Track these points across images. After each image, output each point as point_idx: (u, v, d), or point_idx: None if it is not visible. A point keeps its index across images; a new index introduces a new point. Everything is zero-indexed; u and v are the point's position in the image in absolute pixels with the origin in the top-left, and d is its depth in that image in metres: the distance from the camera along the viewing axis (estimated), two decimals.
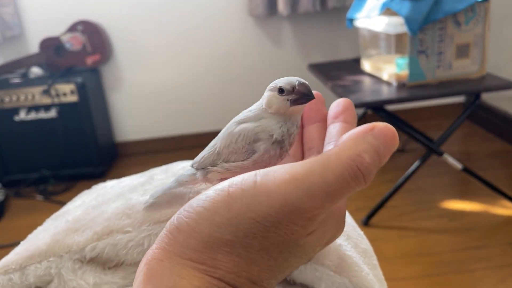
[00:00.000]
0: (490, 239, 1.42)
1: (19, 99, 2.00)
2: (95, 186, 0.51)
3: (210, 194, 0.28)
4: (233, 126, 0.35)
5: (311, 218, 0.26)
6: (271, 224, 0.26)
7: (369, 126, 0.28)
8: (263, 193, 0.26)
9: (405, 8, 1.38)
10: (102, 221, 0.40)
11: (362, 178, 0.27)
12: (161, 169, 0.49)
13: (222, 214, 0.27)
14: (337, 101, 0.35)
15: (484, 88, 1.46)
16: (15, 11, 2.10)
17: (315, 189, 0.26)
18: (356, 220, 1.67)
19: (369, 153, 0.27)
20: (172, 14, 2.18)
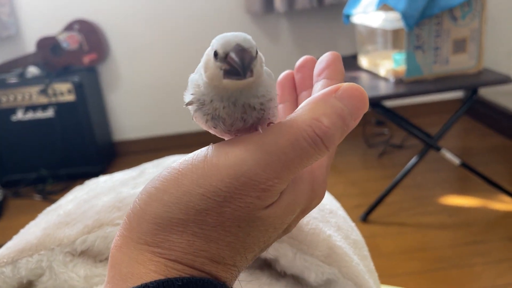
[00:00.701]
0: (489, 234, 1.42)
1: (16, 99, 2.00)
2: (88, 182, 0.51)
3: (163, 173, 0.27)
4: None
5: (266, 189, 0.25)
6: (223, 199, 0.25)
7: (333, 87, 0.26)
8: (213, 167, 0.25)
9: (402, 3, 1.37)
10: (92, 214, 0.40)
11: (322, 144, 0.25)
12: (153, 163, 0.49)
13: (171, 192, 0.25)
14: (323, 55, 0.32)
15: (481, 83, 1.45)
16: (11, 10, 2.10)
17: (268, 158, 0.25)
18: (354, 217, 1.67)
19: (329, 116, 0.25)
20: (168, 12, 2.18)
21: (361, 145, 2.16)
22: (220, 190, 0.25)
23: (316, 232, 0.38)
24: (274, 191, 0.25)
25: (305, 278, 0.38)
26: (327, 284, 0.38)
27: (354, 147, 2.14)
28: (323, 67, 0.31)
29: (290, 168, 0.25)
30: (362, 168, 1.97)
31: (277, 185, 0.25)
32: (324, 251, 0.38)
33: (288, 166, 0.25)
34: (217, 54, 0.26)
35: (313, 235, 0.38)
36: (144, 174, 0.45)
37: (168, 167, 0.27)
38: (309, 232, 0.38)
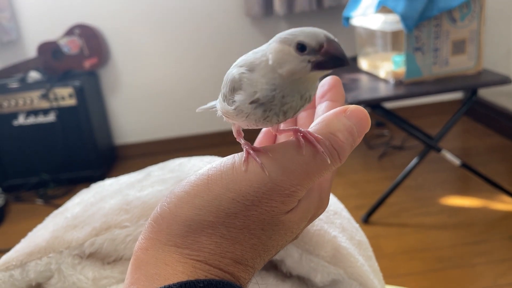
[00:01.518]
0: (490, 233, 1.43)
1: (18, 104, 2.01)
2: (93, 185, 0.52)
3: (191, 179, 0.28)
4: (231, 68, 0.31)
5: (290, 194, 0.27)
6: (251, 203, 0.27)
7: (342, 108, 0.29)
8: (242, 173, 0.27)
9: (401, 5, 1.38)
10: (100, 217, 0.41)
11: (337, 156, 0.28)
12: (158, 166, 0.50)
13: (202, 196, 0.27)
14: (324, 79, 0.35)
15: (480, 84, 1.46)
16: (12, 15, 2.11)
17: (293, 167, 0.27)
18: (356, 218, 1.68)
19: (342, 133, 0.28)
20: (168, 16, 2.19)
21: (362, 146, 2.17)
22: (249, 194, 0.27)
23: (321, 233, 0.39)
24: (296, 197, 0.28)
25: (311, 278, 0.38)
26: (332, 284, 0.39)
27: (354, 149, 2.14)
28: (325, 90, 0.34)
29: (310, 176, 0.28)
30: (362, 170, 1.98)
31: (299, 191, 0.28)
32: (329, 252, 0.39)
33: (309, 175, 0.28)
34: (304, 47, 0.27)
35: (319, 236, 0.39)
36: (150, 177, 0.46)
37: (195, 173, 0.29)
38: (314, 233, 0.39)
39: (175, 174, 0.45)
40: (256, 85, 0.28)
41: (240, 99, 0.29)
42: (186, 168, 0.46)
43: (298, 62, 0.27)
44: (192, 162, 0.47)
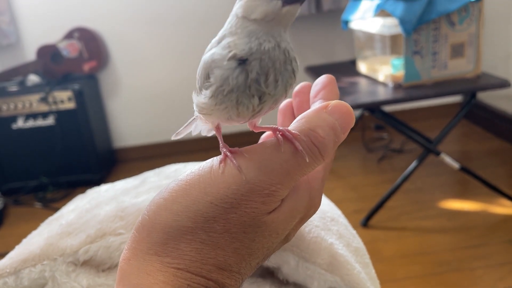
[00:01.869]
0: (489, 237, 1.43)
1: (17, 107, 2.01)
2: (89, 190, 0.51)
3: (170, 185, 0.28)
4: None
5: (270, 194, 0.27)
6: (230, 205, 0.26)
7: (323, 104, 0.29)
8: (219, 176, 0.27)
9: (399, 9, 1.38)
10: (95, 224, 0.40)
11: (318, 153, 0.27)
12: (154, 172, 0.50)
13: (180, 202, 0.27)
14: (318, 78, 0.34)
15: (479, 87, 1.46)
16: (11, 19, 2.11)
17: (271, 166, 0.27)
18: (355, 221, 1.66)
19: (323, 128, 0.27)
20: (167, 19, 2.19)
21: (361, 149, 2.16)
22: (227, 197, 0.26)
23: (318, 241, 0.39)
24: (277, 196, 0.27)
25: (307, 286, 0.38)
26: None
27: (353, 151, 2.15)
28: (318, 89, 0.33)
29: (291, 174, 0.27)
30: (361, 173, 1.98)
31: (280, 190, 0.27)
32: (326, 259, 0.38)
33: (289, 173, 0.27)
34: None
35: (315, 243, 0.39)
36: (146, 183, 0.46)
37: (175, 179, 0.28)
38: (311, 241, 0.39)
39: (170, 180, 0.44)
40: (229, 45, 0.28)
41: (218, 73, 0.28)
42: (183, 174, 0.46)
43: (268, 2, 0.27)
44: (188, 168, 0.47)
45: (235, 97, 0.28)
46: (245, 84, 0.27)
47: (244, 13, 0.28)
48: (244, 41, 0.27)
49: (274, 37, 0.28)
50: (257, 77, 0.27)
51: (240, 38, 0.28)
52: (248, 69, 0.27)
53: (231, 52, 0.27)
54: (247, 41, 0.27)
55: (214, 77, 0.28)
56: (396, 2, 1.41)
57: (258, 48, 0.27)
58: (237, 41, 0.28)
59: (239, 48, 0.27)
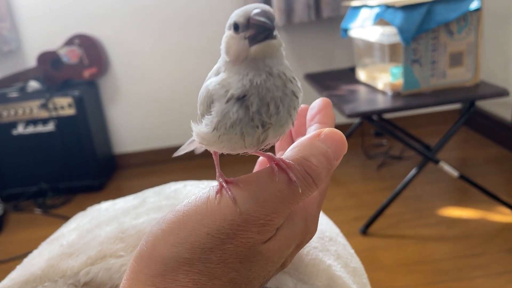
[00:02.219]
0: (488, 246, 1.43)
1: (17, 113, 2.01)
2: (90, 208, 0.52)
3: (167, 216, 0.28)
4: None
5: (266, 223, 0.27)
6: (226, 236, 0.26)
7: (316, 132, 0.29)
8: (216, 207, 0.27)
9: (398, 18, 1.39)
10: (95, 245, 0.41)
11: (312, 181, 0.28)
12: (154, 191, 0.50)
13: (177, 233, 0.27)
14: (314, 102, 0.35)
15: (478, 96, 1.47)
16: (12, 25, 2.12)
17: (266, 196, 0.27)
18: (354, 229, 1.65)
19: (316, 157, 0.28)
20: (168, 27, 2.20)
21: (360, 156, 2.17)
22: (223, 228, 0.26)
23: (316, 263, 0.39)
24: (273, 226, 0.27)
25: None
26: None
27: (353, 158, 2.15)
28: (314, 113, 0.34)
29: (285, 203, 0.27)
30: (361, 180, 1.98)
31: (275, 219, 0.27)
32: (324, 281, 0.39)
33: (284, 202, 0.27)
34: (237, 26, 0.27)
35: (313, 265, 0.39)
36: (146, 203, 0.46)
37: (172, 210, 0.28)
38: (309, 263, 0.39)
39: (170, 201, 0.45)
40: (226, 84, 0.28)
41: (218, 108, 0.28)
42: (182, 195, 0.46)
43: (237, 42, 0.27)
44: (188, 189, 0.47)
45: (239, 129, 0.28)
46: (248, 117, 0.27)
47: (224, 53, 0.28)
48: (236, 78, 0.27)
49: (261, 69, 0.27)
50: (258, 109, 0.27)
51: (231, 77, 0.28)
52: (248, 104, 0.27)
53: (228, 92, 0.27)
54: (238, 78, 0.27)
55: (215, 111, 0.28)
56: (395, 11, 1.42)
57: (251, 84, 0.27)
58: (229, 79, 0.28)
59: (233, 87, 0.27)
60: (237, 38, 0.27)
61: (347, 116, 1.41)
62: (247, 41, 0.27)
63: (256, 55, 0.27)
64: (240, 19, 0.27)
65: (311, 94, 2.16)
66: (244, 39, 0.27)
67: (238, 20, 0.27)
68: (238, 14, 0.27)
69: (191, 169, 2.25)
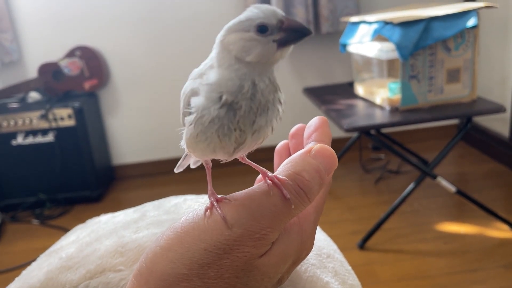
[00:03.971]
0: (485, 261, 1.43)
1: (17, 124, 2.02)
2: (89, 221, 0.52)
3: (166, 233, 0.29)
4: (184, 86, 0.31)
5: (261, 237, 0.28)
6: (223, 251, 0.27)
7: (307, 148, 0.30)
8: (212, 222, 0.28)
9: (396, 34, 1.41)
10: (95, 259, 0.41)
11: (305, 195, 0.29)
12: (154, 204, 0.50)
13: (175, 250, 0.28)
14: (311, 120, 0.35)
15: (475, 112, 1.48)
16: (14, 36, 2.14)
17: (261, 210, 0.28)
18: (351, 243, 1.65)
19: (308, 172, 0.29)
20: (168, 39, 2.22)
21: (358, 170, 2.18)
22: (220, 243, 0.27)
23: (313, 280, 0.39)
24: (268, 240, 0.28)
25: None
26: None
27: (351, 172, 2.16)
28: (311, 131, 0.34)
29: (280, 218, 0.28)
30: (359, 194, 1.98)
31: (270, 234, 0.28)
32: None
33: (278, 216, 0.28)
34: (265, 28, 0.27)
35: (311, 282, 0.39)
36: (146, 217, 0.47)
37: (170, 227, 0.29)
38: (307, 280, 0.39)
39: (170, 216, 0.45)
40: (221, 84, 0.28)
41: (197, 103, 0.29)
42: (182, 210, 0.47)
43: (264, 44, 0.27)
44: (188, 204, 0.48)
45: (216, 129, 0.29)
46: (229, 119, 0.28)
47: (238, 53, 0.28)
48: (235, 83, 0.28)
49: (265, 74, 0.28)
50: (244, 113, 0.28)
51: (231, 79, 0.28)
52: (236, 107, 0.28)
53: (222, 95, 0.28)
54: (242, 78, 0.28)
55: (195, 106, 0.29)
56: (393, 27, 1.44)
57: (251, 88, 0.28)
58: (228, 81, 0.28)
59: (230, 91, 0.28)
60: (263, 41, 0.27)
61: (345, 130, 1.42)
62: (275, 44, 0.27)
63: (281, 58, 0.28)
64: (271, 21, 0.27)
65: (309, 108, 2.18)
66: (272, 41, 0.27)
67: (268, 22, 0.27)
68: (267, 16, 0.27)
69: (190, 181, 2.25)
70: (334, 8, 2.11)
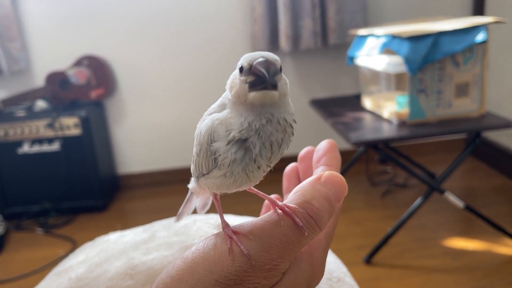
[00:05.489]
0: (493, 279, 1.41)
1: (24, 132, 2.02)
2: (98, 239, 0.51)
3: (176, 263, 0.29)
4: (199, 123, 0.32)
5: (272, 268, 0.27)
6: (234, 282, 0.27)
7: (317, 176, 0.30)
8: (223, 253, 0.27)
9: (405, 49, 1.40)
10: (105, 280, 0.40)
11: (315, 224, 0.28)
12: (163, 224, 0.50)
13: (186, 280, 0.27)
14: (320, 144, 0.35)
15: (483, 127, 1.47)
16: (22, 45, 2.15)
17: (271, 241, 0.27)
18: (358, 258, 1.63)
19: (318, 200, 0.28)
20: (175, 50, 2.23)
21: (365, 183, 2.16)
22: (231, 274, 0.27)
23: None
24: (279, 270, 0.28)
25: None
26: None
27: (357, 185, 2.14)
28: (320, 155, 0.34)
29: (290, 247, 0.28)
30: (365, 207, 1.97)
31: (281, 264, 0.28)
32: None
33: (288, 246, 0.28)
34: (242, 68, 0.28)
35: None
36: (155, 238, 0.46)
37: (181, 257, 0.29)
38: None
39: (180, 238, 0.45)
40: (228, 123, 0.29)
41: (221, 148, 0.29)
42: (192, 231, 0.46)
43: (240, 83, 0.28)
44: (197, 225, 0.47)
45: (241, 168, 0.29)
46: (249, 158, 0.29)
47: (228, 89, 0.29)
48: (239, 120, 0.28)
49: (262, 114, 0.28)
50: (259, 151, 0.29)
51: (233, 117, 0.29)
52: (251, 146, 0.28)
53: (229, 133, 0.28)
54: (240, 120, 0.28)
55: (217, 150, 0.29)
56: (401, 41, 1.43)
57: (250, 127, 0.28)
58: (231, 119, 0.29)
59: (235, 129, 0.28)
60: (240, 80, 0.28)
61: (352, 144, 1.41)
62: (247, 85, 0.28)
63: (253, 101, 0.28)
64: (244, 64, 0.28)
65: (316, 120, 2.17)
66: (245, 83, 0.28)
67: (243, 63, 0.28)
68: (245, 58, 0.28)
69: None
70: (342, 20, 2.11)
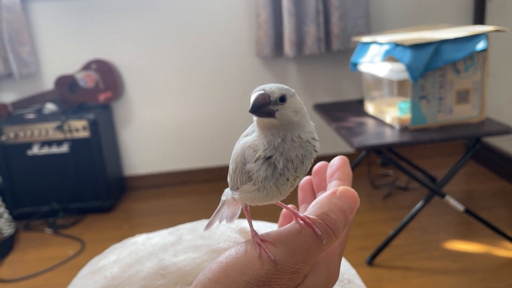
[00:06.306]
0: (492, 281, 1.45)
1: (33, 134, 2.07)
2: (125, 241, 0.55)
3: (212, 266, 0.33)
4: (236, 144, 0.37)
5: (296, 271, 0.32)
6: (263, 283, 0.31)
7: (333, 190, 0.35)
8: (254, 258, 0.32)
9: (407, 56, 1.45)
10: (139, 279, 0.45)
11: (332, 233, 0.33)
12: (188, 228, 0.54)
13: (222, 282, 0.32)
14: (333, 159, 0.40)
15: (483, 133, 1.51)
16: (32, 50, 2.20)
17: (295, 248, 0.32)
18: (360, 260, 1.67)
19: (334, 212, 0.33)
20: (181, 54, 2.27)
21: (366, 186, 2.20)
22: (260, 276, 0.31)
23: None
24: (302, 273, 0.32)
25: None
26: None
27: (359, 188, 2.18)
28: (333, 170, 0.39)
29: (311, 253, 0.32)
30: (367, 210, 2.01)
31: (303, 268, 0.32)
32: None
33: (309, 252, 0.32)
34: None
35: None
36: (182, 241, 0.50)
37: (216, 261, 0.34)
38: None
39: (206, 242, 0.49)
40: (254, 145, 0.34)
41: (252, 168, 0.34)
42: (216, 235, 0.50)
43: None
44: (221, 230, 0.51)
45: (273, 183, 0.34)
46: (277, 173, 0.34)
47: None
48: (262, 141, 0.34)
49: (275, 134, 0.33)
50: (284, 165, 0.34)
51: (258, 139, 0.34)
52: (276, 162, 0.33)
53: (256, 153, 0.34)
54: (264, 142, 0.34)
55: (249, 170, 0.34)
56: (404, 49, 1.47)
57: (269, 146, 0.33)
58: (256, 141, 0.34)
59: (260, 149, 0.34)
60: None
61: (355, 148, 1.45)
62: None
63: (258, 124, 0.34)
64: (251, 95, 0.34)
65: (319, 124, 2.21)
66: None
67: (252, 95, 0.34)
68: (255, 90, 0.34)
69: (200, 193, 2.29)
70: (345, 26, 2.15)
